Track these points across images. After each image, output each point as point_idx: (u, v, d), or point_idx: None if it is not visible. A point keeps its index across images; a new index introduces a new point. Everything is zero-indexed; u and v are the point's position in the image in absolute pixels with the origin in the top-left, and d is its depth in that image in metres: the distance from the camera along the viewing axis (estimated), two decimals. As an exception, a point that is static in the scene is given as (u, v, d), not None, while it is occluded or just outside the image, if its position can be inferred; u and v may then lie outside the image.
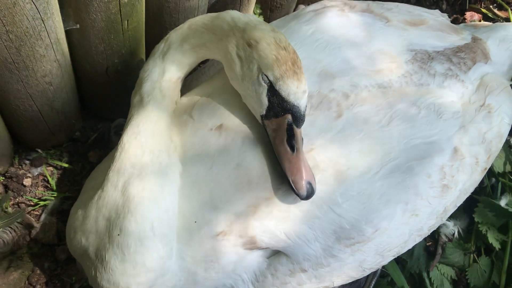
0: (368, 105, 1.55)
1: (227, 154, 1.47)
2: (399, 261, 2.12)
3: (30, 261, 1.97)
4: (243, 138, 1.49)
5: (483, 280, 2.13)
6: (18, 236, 1.98)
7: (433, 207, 1.56)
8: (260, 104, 1.43)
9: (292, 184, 1.38)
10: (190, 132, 1.53)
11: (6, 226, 1.94)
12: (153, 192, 1.41)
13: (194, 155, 1.49)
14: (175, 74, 1.56)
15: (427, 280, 2.12)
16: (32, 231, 2.00)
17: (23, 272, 1.95)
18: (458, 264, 2.16)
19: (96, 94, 2.14)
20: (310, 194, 1.39)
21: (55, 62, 1.71)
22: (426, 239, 2.16)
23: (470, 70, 1.72)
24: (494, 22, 2.66)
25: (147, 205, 1.40)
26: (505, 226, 2.18)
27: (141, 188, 1.40)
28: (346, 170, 1.46)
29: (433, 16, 1.90)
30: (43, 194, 2.10)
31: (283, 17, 1.92)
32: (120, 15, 1.71)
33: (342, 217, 1.45)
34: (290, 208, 1.44)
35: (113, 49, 1.85)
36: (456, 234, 2.17)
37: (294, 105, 1.39)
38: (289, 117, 1.40)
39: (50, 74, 1.73)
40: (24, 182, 2.10)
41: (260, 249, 1.47)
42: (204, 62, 2.24)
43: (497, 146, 1.71)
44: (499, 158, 2.26)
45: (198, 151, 1.49)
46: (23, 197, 2.07)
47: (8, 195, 2.05)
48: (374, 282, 2.03)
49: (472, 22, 2.74)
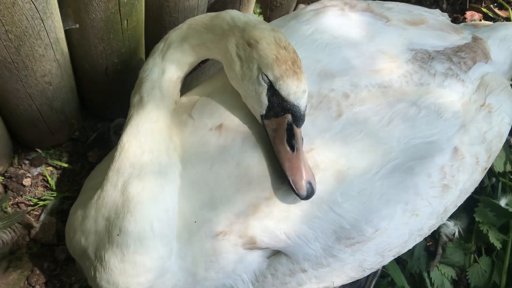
0: (368, 105, 1.54)
1: (227, 154, 1.47)
2: (400, 261, 2.12)
3: (29, 261, 1.97)
4: (243, 138, 1.48)
5: (484, 280, 2.13)
6: (18, 236, 1.97)
7: (433, 207, 1.56)
8: (260, 103, 1.42)
9: (292, 184, 1.38)
10: (190, 132, 1.52)
11: (6, 226, 1.94)
12: (152, 192, 1.41)
13: (194, 155, 1.49)
14: (175, 73, 1.56)
15: (428, 280, 2.12)
16: (31, 231, 2.00)
17: (23, 272, 1.94)
18: (459, 264, 2.16)
19: (95, 93, 2.14)
20: (310, 194, 1.39)
21: (55, 61, 1.70)
22: (426, 239, 2.16)
23: (471, 69, 1.72)
24: (494, 22, 2.66)
25: (147, 205, 1.40)
26: (505, 226, 2.18)
27: (140, 188, 1.40)
28: (346, 170, 1.46)
29: (433, 15, 1.90)
30: (43, 194, 2.09)
31: (283, 16, 1.91)
32: (119, 15, 1.71)
33: (342, 217, 1.45)
34: (290, 208, 1.44)
35: (112, 48, 1.85)
36: (456, 234, 2.17)
37: (294, 104, 1.38)
38: (289, 116, 1.40)
39: (50, 73, 1.73)
40: (23, 182, 2.09)
41: (260, 249, 1.47)
42: (204, 62, 2.24)
43: (497, 146, 1.71)
44: (500, 157, 2.26)
45: (198, 151, 1.49)
46: (23, 197, 2.07)
47: (7, 195, 2.05)
48: (374, 282, 2.03)
49: (472, 22, 2.74)
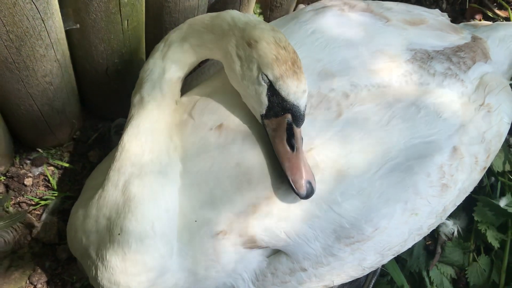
0: (367, 104, 1.55)
1: (227, 153, 1.47)
2: (399, 260, 2.12)
3: (31, 260, 1.97)
4: (243, 138, 1.49)
5: (483, 279, 2.13)
6: (19, 235, 1.98)
7: (432, 206, 1.56)
8: (260, 103, 1.43)
9: (292, 183, 1.38)
10: (190, 131, 1.53)
11: (8, 226, 1.94)
12: (153, 191, 1.42)
13: (194, 155, 1.50)
14: (175, 73, 1.56)
15: (427, 279, 2.13)
16: (33, 231, 2.01)
17: (24, 271, 1.95)
18: (458, 263, 2.16)
19: (96, 94, 2.14)
20: (309, 194, 1.39)
21: (55, 62, 1.71)
22: (425, 238, 2.16)
23: (470, 69, 1.72)
24: (494, 22, 2.66)
25: (148, 204, 1.40)
26: (504, 225, 2.18)
27: (141, 187, 1.41)
28: (346, 170, 1.47)
29: (433, 15, 1.90)
30: (44, 193, 2.10)
31: (283, 16, 1.92)
32: (120, 15, 1.71)
33: (342, 216, 1.45)
34: (290, 207, 1.45)
35: (113, 49, 1.86)
36: (455, 233, 2.17)
37: (294, 104, 1.39)
38: (289, 116, 1.40)
39: (51, 74, 1.74)
40: (25, 182, 2.10)
41: (260, 248, 1.47)
42: (204, 62, 2.24)
43: (496, 146, 1.72)
44: (499, 157, 2.26)
45: (198, 151, 1.50)
46: (24, 196, 2.08)
47: (9, 195, 2.05)
48: (374, 281, 2.03)
49: (472, 22, 2.74)
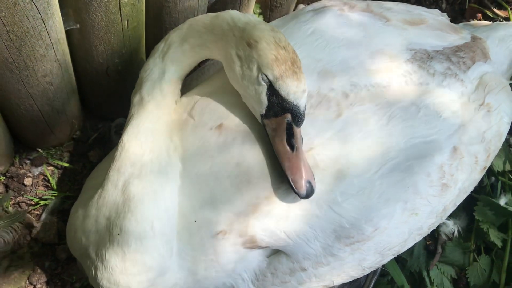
0: (367, 104, 1.55)
1: (227, 153, 1.47)
2: (399, 260, 2.12)
3: (30, 260, 1.97)
4: (243, 138, 1.49)
5: (483, 279, 2.13)
6: (19, 235, 1.98)
7: (432, 206, 1.56)
8: (259, 103, 1.43)
9: (291, 183, 1.38)
10: (190, 131, 1.53)
11: (7, 225, 1.94)
12: (153, 191, 1.42)
13: (194, 155, 1.50)
14: (175, 73, 1.56)
15: (427, 279, 2.12)
16: (32, 231, 2.01)
17: (24, 271, 1.95)
18: (458, 263, 2.16)
19: (96, 93, 2.14)
20: (309, 193, 1.39)
21: (56, 62, 1.71)
22: (426, 238, 2.16)
23: (470, 69, 1.72)
24: (493, 21, 2.66)
25: (147, 204, 1.40)
26: (505, 225, 2.18)
27: (141, 187, 1.41)
28: (346, 169, 1.47)
29: (432, 15, 1.90)
30: (44, 193, 2.10)
31: (283, 16, 1.92)
32: (120, 15, 1.72)
33: (342, 216, 1.45)
34: (290, 207, 1.45)
35: (113, 49, 1.86)
36: (456, 233, 2.17)
37: (293, 104, 1.39)
38: (288, 116, 1.40)
39: (51, 74, 1.74)
40: (24, 182, 2.10)
41: (260, 248, 1.47)
42: (204, 62, 2.24)
43: (496, 145, 1.72)
44: (499, 157, 2.26)
45: (198, 151, 1.50)
46: (24, 196, 2.08)
47: (8, 195, 2.05)
48: (374, 281, 2.03)
49: (471, 21, 2.74)
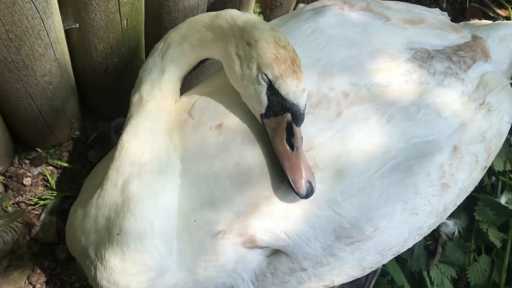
0: (367, 103, 1.55)
1: (227, 153, 1.47)
2: (399, 260, 2.12)
3: (30, 260, 1.97)
4: (243, 137, 1.48)
5: (484, 279, 2.13)
6: (18, 235, 1.98)
7: (432, 206, 1.56)
8: (259, 103, 1.43)
9: (291, 183, 1.38)
10: (189, 131, 1.53)
11: (6, 225, 1.94)
12: (152, 191, 1.41)
13: (194, 154, 1.49)
14: (175, 73, 1.56)
15: (428, 279, 2.12)
16: (32, 231, 2.00)
17: (23, 271, 1.95)
18: (459, 263, 2.16)
19: (95, 93, 2.14)
20: (309, 193, 1.39)
21: (55, 61, 1.70)
22: (426, 238, 2.16)
23: (470, 68, 1.72)
24: (494, 21, 2.66)
25: (147, 204, 1.40)
26: (505, 225, 2.18)
27: (140, 187, 1.40)
28: (346, 169, 1.46)
29: (433, 14, 1.90)
30: (43, 193, 2.10)
31: (283, 16, 1.92)
32: (119, 14, 1.71)
33: (342, 216, 1.45)
34: (290, 207, 1.44)
35: (112, 48, 1.85)
36: (456, 233, 2.17)
37: (293, 103, 1.39)
38: (288, 116, 1.40)
39: (50, 73, 1.73)
40: (24, 182, 2.10)
41: (260, 248, 1.47)
42: (203, 61, 2.24)
43: (496, 145, 1.71)
44: (499, 156, 2.26)
45: (197, 150, 1.49)
46: (23, 196, 2.07)
47: (8, 195, 2.05)
48: (374, 281, 2.03)
49: (472, 21, 2.73)
